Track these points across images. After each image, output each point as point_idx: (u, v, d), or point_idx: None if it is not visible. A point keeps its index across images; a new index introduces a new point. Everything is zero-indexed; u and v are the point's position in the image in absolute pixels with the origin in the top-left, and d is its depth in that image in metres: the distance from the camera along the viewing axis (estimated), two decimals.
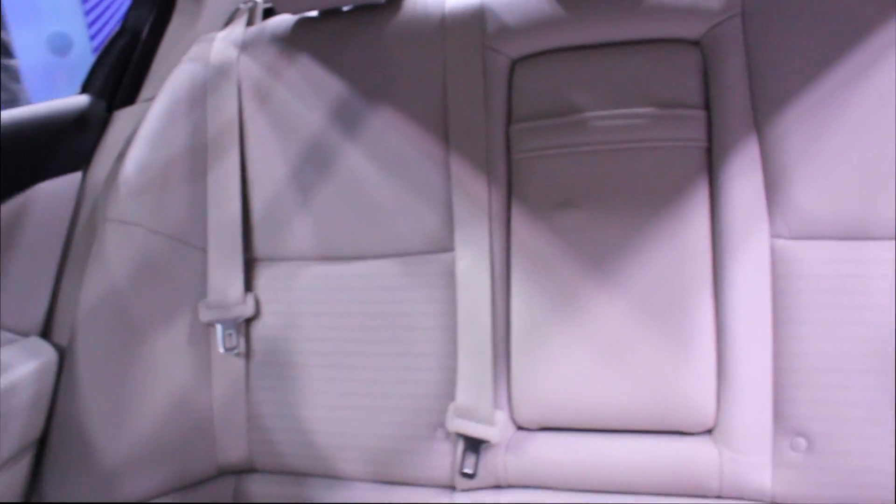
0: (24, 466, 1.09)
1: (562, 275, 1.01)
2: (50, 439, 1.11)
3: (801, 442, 0.93)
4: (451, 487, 1.06)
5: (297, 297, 1.12)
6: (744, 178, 0.96)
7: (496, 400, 1.03)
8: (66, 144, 1.22)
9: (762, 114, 0.97)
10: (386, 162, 1.09)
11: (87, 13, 3.84)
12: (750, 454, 0.94)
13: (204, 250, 1.15)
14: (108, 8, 3.87)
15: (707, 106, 1.00)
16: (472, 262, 1.04)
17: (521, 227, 1.03)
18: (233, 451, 1.13)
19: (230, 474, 1.15)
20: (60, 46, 3.77)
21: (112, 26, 3.84)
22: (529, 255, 1.03)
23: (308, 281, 1.12)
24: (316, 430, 1.10)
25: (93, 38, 3.87)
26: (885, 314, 0.91)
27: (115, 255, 1.13)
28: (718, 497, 0.96)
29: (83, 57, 3.82)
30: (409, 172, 1.08)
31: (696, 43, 1.02)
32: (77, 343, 1.11)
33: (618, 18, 1.03)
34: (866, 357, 0.91)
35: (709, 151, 1.00)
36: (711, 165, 0.99)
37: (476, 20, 1.08)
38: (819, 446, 0.93)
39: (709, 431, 0.98)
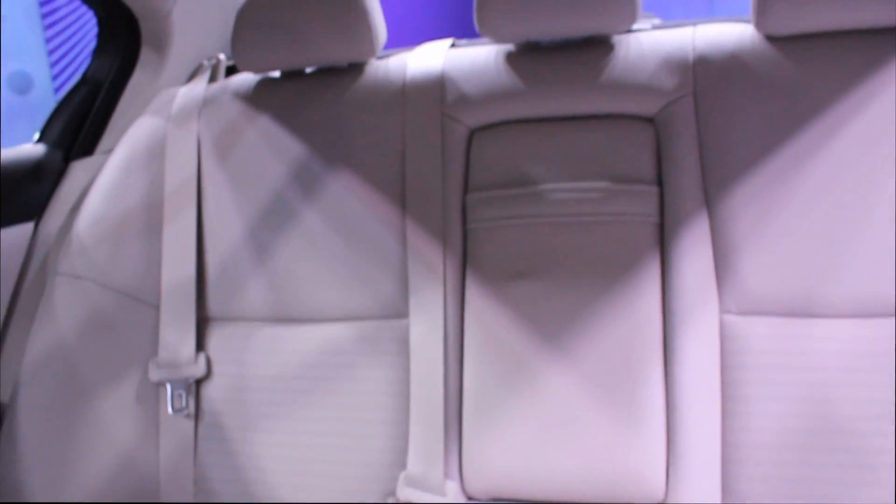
0: None
1: (514, 345, 1.01)
2: None
3: None
4: None
5: (250, 359, 1.11)
6: (694, 254, 0.98)
7: (447, 469, 1.02)
8: (19, 194, 1.20)
9: (712, 191, 0.99)
10: (343, 225, 1.09)
11: (50, 53, 3.82)
12: None
13: (156, 307, 1.14)
14: (71, 49, 3.86)
15: (660, 182, 1.02)
16: (425, 329, 1.04)
17: (476, 295, 1.04)
18: None
19: None
20: (21, 85, 3.73)
21: (75, 67, 3.82)
22: (483, 324, 1.03)
23: (261, 342, 1.11)
24: (264, 494, 1.08)
25: (55, 77, 3.84)
26: (829, 391, 0.92)
27: (64, 309, 1.11)
28: None
29: (44, 96, 3.78)
30: (366, 237, 1.08)
31: (650, 120, 1.04)
32: (20, 399, 1.08)
33: (575, 93, 1.05)
34: (808, 434, 0.92)
35: (661, 227, 1.01)
36: (663, 240, 1.01)
37: (436, 88, 1.10)
38: None
39: None
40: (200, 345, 1.13)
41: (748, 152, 0.99)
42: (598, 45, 1.08)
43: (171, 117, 1.20)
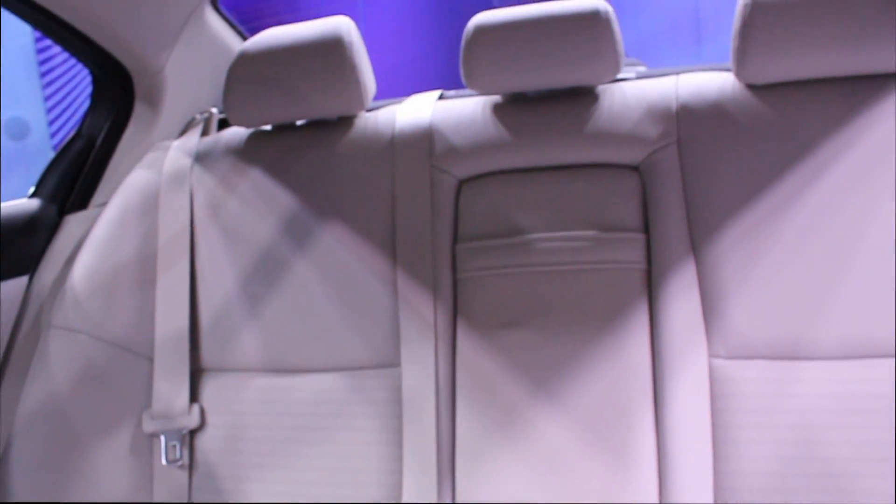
0: None
1: (506, 393, 1.02)
2: None
3: None
4: None
5: (243, 409, 1.12)
6: (682, 299, 0.99)
7: None
8: (14, 248, 1.21)
9: (698, 237, 1.01)
10: (334, 277, 1.10)
11: (46, 99, 3.86)
12: None
13: (150, 359, 1.14)
14: (67, 95, 3.90)
15: (646, 229, 1.04)
16: (417, 378, 1.05)
17: (467, 344, 1.05)
18: None
19: None
20: (18, 131, 3.76)
21: (71, 113, 3.86)
22: (474, 373, 1.04)
23: (254, 393, 1.12)
24: None
25: (51, 123, 3.87)
26: (821, 433, 0.93)
27: (58, 362, 1.12)
28: None
29: (41, 143, 3.81)
30: (357, 288, 1.09)
31: (635, 168, 1.06)
32: (13, 452, 1.08)
33: (562, 143, 1.07)
34: (799, 477, 0.93)
35: (648, 273, 1.03)
36: (651, 287, 1.02)
37: (424, 140, 1.12)
38: None
39: None
40: (194, 395, 1.14)
41: (733, 198, 1.00)
42: (583, 96, 1.10)
43: (164, 171, 1.21)
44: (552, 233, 1.04)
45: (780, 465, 0.94)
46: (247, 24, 1.50)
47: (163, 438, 1.12)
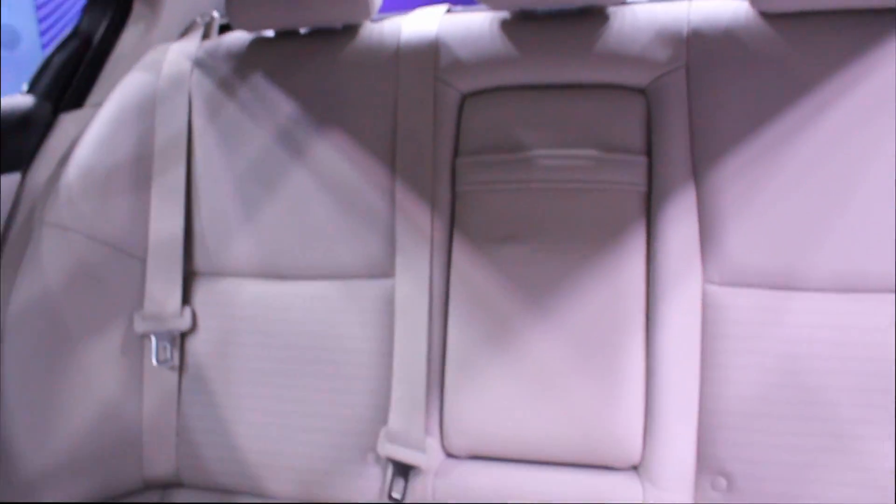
0: None
1: (499, 307, 1.02)
2: None
3: (722, 482, 0.96)
4: None
5: (235, 314, 1.12)
6: (680, 224, 0.99)
7: (428, 426, 1.04)
8: (7, 143, 1.20)
9: (701, 163, 1.00)
10: (332, 185, 1.09)
11: (38, 8, 3.77)
12: (672, 491, 0.97)
13: (143, 260, 1.14)
14: (60, 5, 3.81)
15: (649, 152, 1.03)
16: (411, 289, 1.05)
17: (462, 258, 1.05)
18: (160, 464, 1.12)
19: (156, 488, 1.14)
20: (9, 40, 3.69)
21: (63, 23, 3.78)
22: (468, 287, 1.04)
23: (246, 298, 1.12)
24: (246, 447, 1.09)
25: (43, 33, 3.79)
26: (808, 363, 0.94)
27: (51, 259, 1.11)
28: None
29: (32, 52, 3.74)
30: (355, 197, 1.09)
31: (641, 91, 1.05)
32: (3, 346, 1.09)
33: (568, 62, 1.06)
34: (785, 403, 0.95)
35: (648, 196, 1.03)
36: (650, 210, 1.02)
37: (430, 52, 1.10)
38: (739, 486, 0.96)
39: (634, 467, 1.01)
40: (186, 299, 1.14)
41: (738, 126, 1.00)
42: (593, 16, 1.08)
43: (162, 73, 1.19)
44: (554, 150, 1.04)
45: (766, 391, 0.95)
46: None
47: (154, 339, 1.12)
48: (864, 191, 0.95)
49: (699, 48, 1.03)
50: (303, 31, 1.19)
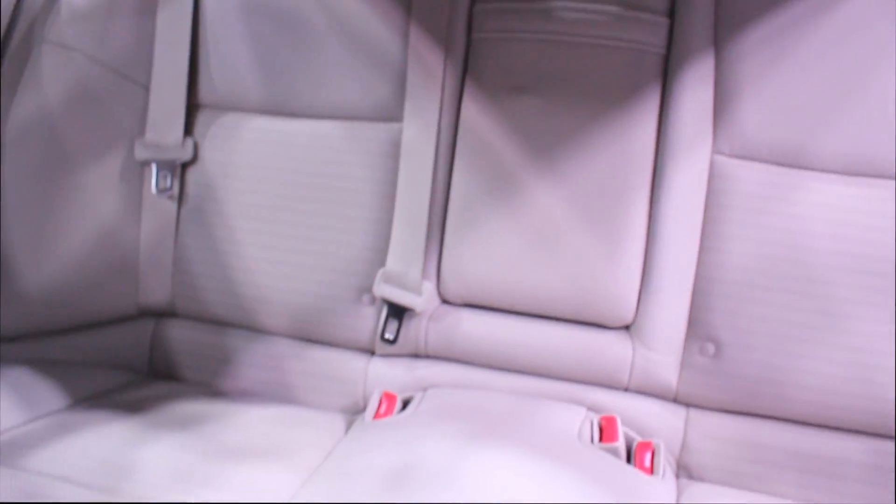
0: None
1: (505, 157, 1.02)
2: None
3: (710, 347, 0.98)
4: (371, 352, 1.09)
5: (237, 148, 1.11)
6: (695, 91, 0.98)
7: (425, 271, 1.05)
8: None
9: (723, 31, 0.98)
10: (344, 22, 1.06)
11: None
12: (662, 353, 0.99)
13: (146, 88, 1.12)
14: None
15: (671, 14, 1.01)
16: (418, 133, 1.04)
17: (472, 106, 1.04)
18: (156, 292, 1.13)
19: (151, 316, 1.15)
20: None
21: None
22: (476, 135, 1.03)
23: (251, 133, 1.11)
24: (241, 280, 1.10)
25: None
26: (808, 241, 0.95)
27: (51, 78, 1.09)
28: (626, 389, 1.02)
29: None
30: (367, 37, 1.06)
31: None
32: (2, 162, 1.07)
33: None
34: (780, 277, 0.96)
35: (666, 59, 1.01)
36: (666, 74, 1.01)
37: None
38: (726, 354, 0.98)
39: (626, 327, 1.03)
40: (189, 129, 1.13)
41: None
42: None
43: None
44: (575, 3, 1.01)
45: (764, 264, 0.96)
46: None
47: (154, 167, 1.11)
48: (881, 76, 0.94)
49: None
50: None
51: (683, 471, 1.00)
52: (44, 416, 0.99)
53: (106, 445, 0.90)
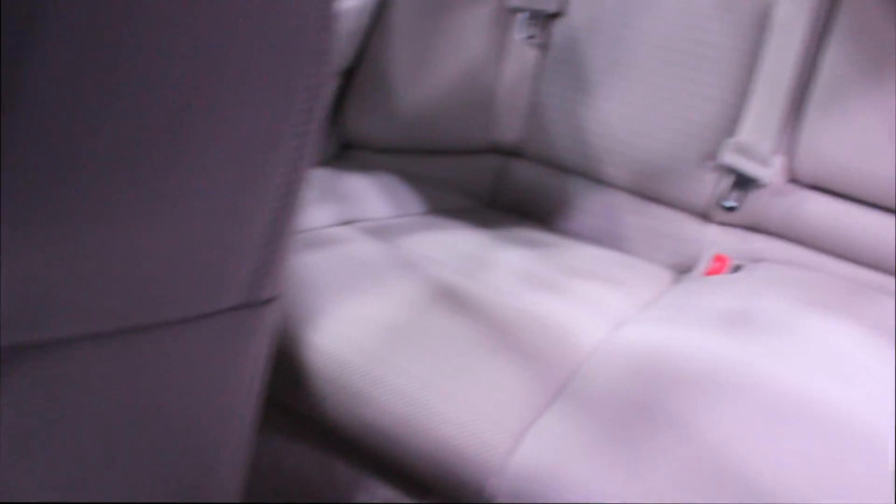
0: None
1: (887, 45, 0.96)
2: (358, 70, 1.24)
3: None
4: (706, 217, 1.10)
5: (604, 5, 1.14)
6: None
7: (779, 144, 1.04)
8: None
9: None
10: None
11: None
12: None
13: None
14: None
15: None
16: (793, 7, 1.01)
17: None
18: (508, 131, 1.22)
19: (501, 153, 1.24)
20: None
21: None
22: (858, 16, 0.98)
23: None
24: (591, 130, 1.15)
25: None
26: None
27: None
28: None
29: None
30: None
31: None
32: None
33: None
34: None
35: None
36: None
37: None
38: None
39: None
40: None
41: None
42: None
43: None
44: None
45: None
46: None
47: (523, 16, 1.18)
48: None
49: None
50: None
51: None
52: (409, 215, 1.12)
53: (466, 243, 1.01)
